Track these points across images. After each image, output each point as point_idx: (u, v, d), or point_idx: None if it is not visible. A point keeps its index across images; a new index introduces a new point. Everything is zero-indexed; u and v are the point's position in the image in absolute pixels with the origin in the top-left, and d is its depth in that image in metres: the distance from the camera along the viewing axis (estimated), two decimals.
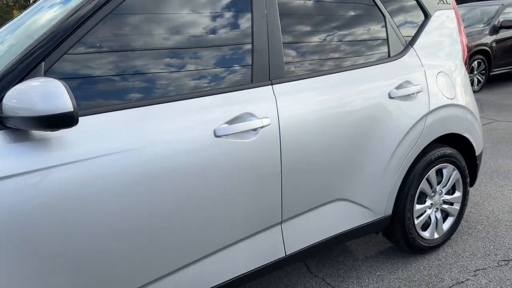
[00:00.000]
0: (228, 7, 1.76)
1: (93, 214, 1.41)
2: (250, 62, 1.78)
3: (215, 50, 1.72)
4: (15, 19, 2.05)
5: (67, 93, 1.21)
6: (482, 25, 8.06)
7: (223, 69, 1.73)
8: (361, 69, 2.10)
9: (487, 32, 7.83)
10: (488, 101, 6.89)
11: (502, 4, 8.40)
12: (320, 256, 2.57)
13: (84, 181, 1.38)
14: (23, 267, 1.32)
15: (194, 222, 1.63)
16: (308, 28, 1.97)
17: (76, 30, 1.45)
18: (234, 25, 1.77)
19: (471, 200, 3.20)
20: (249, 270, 1.84)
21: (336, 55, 2.05)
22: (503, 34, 7.98)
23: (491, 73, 7.95)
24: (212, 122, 1.62)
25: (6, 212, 1.27)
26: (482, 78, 7.81)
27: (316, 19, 2.00)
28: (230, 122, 1.66)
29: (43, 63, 1.38)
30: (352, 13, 2.13)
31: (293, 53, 1.91)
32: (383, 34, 2.23)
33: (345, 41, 2.10)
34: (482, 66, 7.75)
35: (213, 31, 1.72)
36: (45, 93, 1.21)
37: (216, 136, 1.62)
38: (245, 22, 1.79)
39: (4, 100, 1.24)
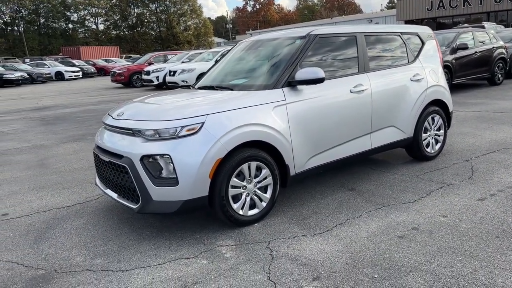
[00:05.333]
0: (348, 45, 4.28)
1: (318, 116, 3.84)
2: (357, 65, 4.28)
3: (347, 61, 4.22)
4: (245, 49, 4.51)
5: (322, 71, 3.66)
6: (444, 47, 10.89)
7: (350, 68, 4.24)
8: (398, 67, 4.66)
9: (448, 52, 10.64)
10: (453, 101, 9.64)
11: (458, 32, 11.34)
12: (383, 162, 5.03)
13: (316, 103, 3.82)
14: (304, 134, 3.73)
15: (345, 125, 4.07)
16: (376, 50, 4.52)
17: (302, 53, 3.91)
18: (351, 51, 4.29)
19: (449, 142, 5.77)
20: (359, 151, 4.29)
21: (387, 62, 4.59)
22: (460, 53, 10.83)
23: (453, 82, 10.74)
24: (349, 86, 4.11)
25: (301, 113, 3.70)
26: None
27: (379, 46, 4.56)
28: (354, 87, 4.15)
29: (298, 63, 3.84)
30: (394, 44, 4.70)
31: (371, 60, 4.43)
32: (405, 53, 4.80)
33: (391, 56, 4.65)
34: (447, 77, 10.52)
35: (343, 51, 4.23)
36: (314, 70, 3.65)
37: (350, 92, 4.11)
38: (354, 50, 4.31)
39: (296, 75, 3.68)
